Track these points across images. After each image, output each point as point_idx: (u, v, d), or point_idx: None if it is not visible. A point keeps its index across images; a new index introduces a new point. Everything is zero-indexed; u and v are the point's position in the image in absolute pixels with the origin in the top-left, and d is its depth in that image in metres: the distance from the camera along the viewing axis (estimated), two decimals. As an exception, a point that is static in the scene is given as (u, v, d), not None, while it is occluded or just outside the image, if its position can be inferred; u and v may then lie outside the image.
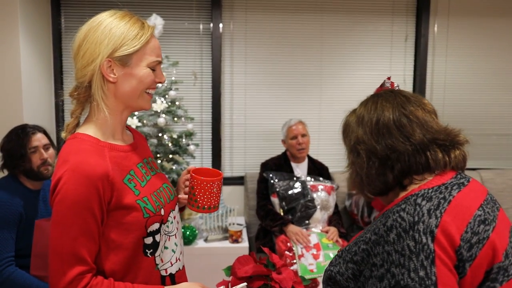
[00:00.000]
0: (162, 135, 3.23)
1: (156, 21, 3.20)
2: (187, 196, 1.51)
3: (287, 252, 2.93)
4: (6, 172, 2.34)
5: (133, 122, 3.10)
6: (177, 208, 1.47)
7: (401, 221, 1.00)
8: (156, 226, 1.30)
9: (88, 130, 1.29)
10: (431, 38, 4.02)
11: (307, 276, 2.66)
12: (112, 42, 1.23)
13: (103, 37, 1.23)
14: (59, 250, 1.15)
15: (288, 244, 2.98)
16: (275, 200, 3.25)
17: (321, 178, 3.36)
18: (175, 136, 3.29)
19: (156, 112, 3.19)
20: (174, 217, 1.41)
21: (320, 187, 3.27)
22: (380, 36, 4.01)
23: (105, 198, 1.20)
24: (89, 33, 1.24)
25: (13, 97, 3.09)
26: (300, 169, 3.43)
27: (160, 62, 1.32)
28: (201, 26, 3.83)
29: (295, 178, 3.29)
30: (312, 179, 3.33)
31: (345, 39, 3.99)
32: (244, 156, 4.00)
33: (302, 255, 2.90)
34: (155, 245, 1.31)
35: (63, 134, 1.33)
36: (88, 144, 1.24)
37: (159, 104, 3.17)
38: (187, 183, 1.55)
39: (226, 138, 3.97)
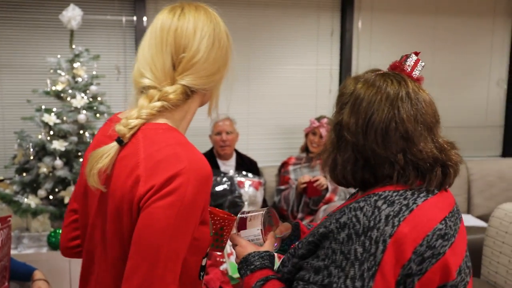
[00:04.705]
0: (84, 132, 3.06)
1: (74, 12, 3.02)
2: None
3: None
4: None
5: (50, 119, 2.90)
6: None
7: (355, 221, 0.93)
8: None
9: (176, 126, 1.09)
10: (356, 33, 4.11)
11: (237, 275, 2.61)
12: (230, 51, 1.15)
13: (228, 42, 1.15)
14: (171, 256, 0.92)
15: (218, 242, 2.93)
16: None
17: (249, 174, 3.34)
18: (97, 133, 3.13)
19: (76, 108, 3.01)
20: None
21: (248, 182, 3.25)
22: (307, 31, 4.04)
23: (206, 206, 1.01)
24: (215, 33, 1.15)
25: None
26: (227, 166, 3.39)
27: None
28: (123, 19, 3.68)
29: (222, 174, 3.24)
30: (240, 175, 3.29)
31: (273, 33, 3.98)
32: (172, 153, 3.89)
33: (231, 253, 2.84)
34: (204, 268, 1.12)
35: (134, 122, 1.04)
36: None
37: (79, 100, 2.99)
38: None
39: (153, 134, 3.83)
